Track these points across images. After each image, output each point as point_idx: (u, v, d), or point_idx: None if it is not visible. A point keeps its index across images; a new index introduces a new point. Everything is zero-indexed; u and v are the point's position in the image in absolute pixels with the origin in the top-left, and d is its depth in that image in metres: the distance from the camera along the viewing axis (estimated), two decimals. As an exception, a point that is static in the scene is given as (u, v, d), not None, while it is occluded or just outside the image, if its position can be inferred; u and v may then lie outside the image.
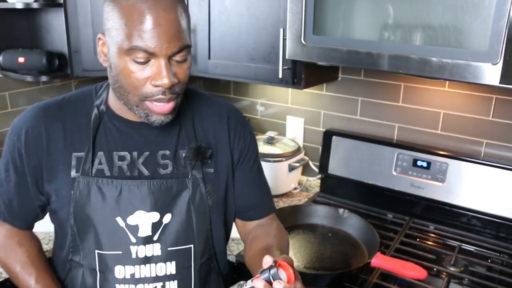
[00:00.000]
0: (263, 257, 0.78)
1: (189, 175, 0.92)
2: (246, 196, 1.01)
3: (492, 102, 1.45)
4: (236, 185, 1.00)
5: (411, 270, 1.22)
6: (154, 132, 0.92)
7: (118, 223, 0.88)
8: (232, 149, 0.98)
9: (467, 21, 1.03)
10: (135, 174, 0.89)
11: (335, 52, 1.25)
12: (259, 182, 1.05)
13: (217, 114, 0.99)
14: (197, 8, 1.62)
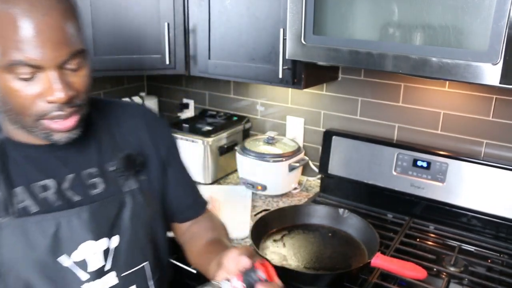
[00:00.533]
0: (213, 252, 0.81)
1: (124, 189, 0.84)
2: (181, 196, 0.97)
3: (492, 102, 1.45)
4: (170, 186, 0.94)
5: (411, 270, 1.22)
6: (71, 152, 0.81)
7: (62, 263, 0.76)
8: (158, 149, 0.92)
9: (467, 21, 1.03)
10: (66, 202, 0.78)
11: (335, 52, 1.25)
12: (189, 179, 1.01)
13: (133, 116, 0.92)
14: (197, 8, 1.62)
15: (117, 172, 0.84)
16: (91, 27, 1.63)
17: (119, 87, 2.25)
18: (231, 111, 2.09)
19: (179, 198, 0.97)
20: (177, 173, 0.97)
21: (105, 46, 1.67)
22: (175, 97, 2.29)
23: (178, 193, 0.96)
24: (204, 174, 1.83)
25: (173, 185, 0.95)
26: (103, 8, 1.62)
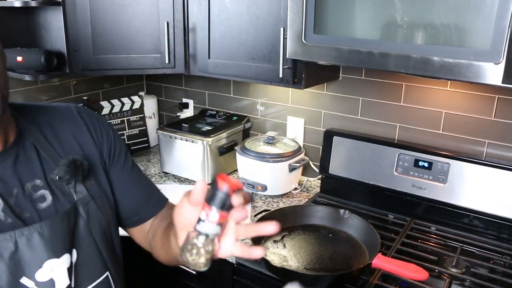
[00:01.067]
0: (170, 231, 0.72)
1: (74, 198, 0.79)
2: (134, 195, 0.91)
3: (495, 102, 1.44)
4: (118, 187, 0.88)
5: (412, 271, 1.21)
6: (8, 165, 0.75)
7: (26, 284, 0.71)
8: (100, 148, 0.87)
9: (469, 20, 1.02)
10: (17, 219, 0.73)
11: (336, 51, 1.24)
12: (141, 175, 0.95)
13: (68, 118, 0.86)
14: (197, 7, 1.61)
15: (63, 181, 0.78)
16: (90, 25, 1.62)
17: (118, 86, 2.24)
18: (231, 110, 2.08)
19: (129, 199, 0.90)
20: (124, 171, 0.90)
21: (104, 45, 1.66)
22: (174, 97, 2.28)
23: (128, 191, 0.90)
24: (204, 174, 1.82)
25: (123, 183, 0.89)
26: (102, 7, 1.62)
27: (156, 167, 2.03)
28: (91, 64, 1.66)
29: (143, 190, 0.94)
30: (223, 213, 0.60)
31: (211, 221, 0.60)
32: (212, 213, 0.60)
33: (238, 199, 0.60)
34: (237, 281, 1.35)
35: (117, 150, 0.90)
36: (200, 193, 0.60)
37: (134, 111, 2.20)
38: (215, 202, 0.59)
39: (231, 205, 0.60)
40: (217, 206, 0.60)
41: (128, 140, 2.18)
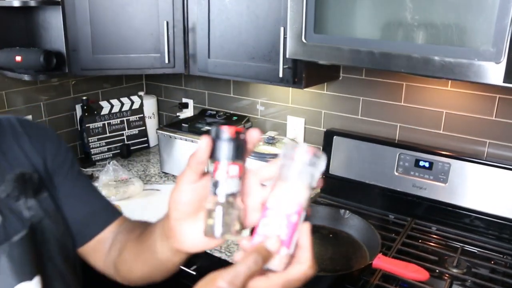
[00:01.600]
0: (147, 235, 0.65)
1: (26, 215, 0.71)
2: (81, 205, 0.83)
3: (496, 101, 1.43)
4: (63, 197, 0.81)
5: (413, 272, 1.21)
6: None
7: None
8: (44, 157, 0.80)
9: (470, 20, 1.02)
10: None
11: (336, 51, 1.24)
12: (89, 185, 0.87)
13: (8, 129, 0.79)
14: (197, 7, 1.60)
15: (12, 198, 0.71)
16: (90, 25, 1.61)
17: (118, 86, 2.23)
18: (231, 110, 2.07)
19: (76, 209, 0.82)
20: (68, 181, 0.82)
21: (104, 45, 1.65)
22: (174, 97, 2.28)
23: (73, 203, 0.82)
24: (203, 174, 1.81)
25: (66, 194, 0.81)
26: (101, 6, 1.61)
27: (155, 167, 2.02)
28: (91, 64, 1.66)
29: (92, 200, 0.85)
30: (238, 162, 0.52)
31: (232, 176, 0.52)
32: (224, 167, 0.51)
33: (250, 136, 0.53)
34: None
35: (60, 157, 0.82)
36: (206, 149, 0.52)
37: (133, 111, 2.19)
38: (223, 154, 0.51)
39: (242, 149, 0.52)
40: (228, 158, 0.51)
41: (128, 140, 2.18)
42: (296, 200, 0.52)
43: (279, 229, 0.51)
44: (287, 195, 0.52)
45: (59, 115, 2.01)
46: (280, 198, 0.52)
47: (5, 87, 1.78)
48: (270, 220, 0.52)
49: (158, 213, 0.81)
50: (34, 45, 1.78)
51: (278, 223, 0.51)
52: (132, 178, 1.78)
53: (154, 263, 0.69)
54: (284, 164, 0.53)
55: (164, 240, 0.63)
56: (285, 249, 0.51)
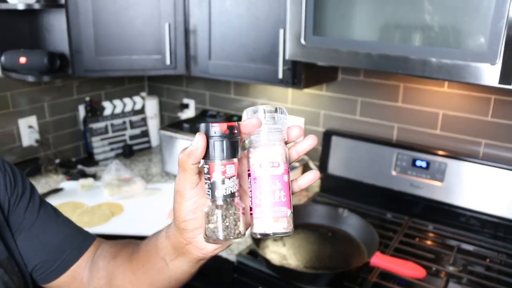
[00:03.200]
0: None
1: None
2: (50, 235, 0.74)
3: (491, 102, 1.45)
4: (26, 231, 0.72)
5: (410, 270, 1.23)
6: None
7: None
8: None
9: (466, 22, 1.04)
10: None
11: (335, 52, 1.26)
12: (55, 214, 0.77)
13: None
14: (198, 9, 1.62)
15: None
16: (93, 27, 1.64)
17: (120, 87, 2.25)
18: (231, 111, 2.09)
19: (45, 241, 0.73)
20: (31, 213, 0.73)
21: (107, 47, 1.68)
22: (175, 97, 2.30)
23: (39, 234, 0.72)
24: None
25: (33, 227, 0.72)
26: (104, 8, 1.63)
27: (157, 166, 2.04)
28: (94, 65, 1.68)
29: (62, 228, 0.75)
30: (232, 160, 0.49)
31: (229, 176, 0.48)
32: (220, 167, 0.48)
33: (243, 128, 0.49)
34: (237, 280, 1.37)
35: (18, 189, 0.72)
36: (202, 148, 0.47)
37: (135, 112, 2.22)
38: (218, 153, 0.47)
39: (237, 145, 0.49)
40: (228, 156, 0.48)
41: (130, 140, 2.20)
42: (281, 160, 0.51)
43: (278, 193, 0.51)
44: (269, 158, 0.51)
45: (63, 116, 2.04)
46: (263, 163, 0.51)
47: (10, 88, 1.81)
48: (265, 188, 0.51)
49: (160, 211, 0.78)
50: (38, 47, 1.81)
51: (275, 188, 0.51)
52: (135, 177, 1.80)
53: (165, 280, 0.63)
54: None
55: (180, 256, 0.58)
56: (288, 210, 0.51)
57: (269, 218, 0.51)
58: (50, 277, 0.74)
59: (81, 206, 1.66)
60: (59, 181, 1.88)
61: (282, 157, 0.52)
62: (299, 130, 0.54)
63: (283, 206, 0.51)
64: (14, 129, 1.85)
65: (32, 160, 1.92)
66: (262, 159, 0.51)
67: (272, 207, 0.50)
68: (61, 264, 0.74)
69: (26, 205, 0.73)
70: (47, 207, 0.77)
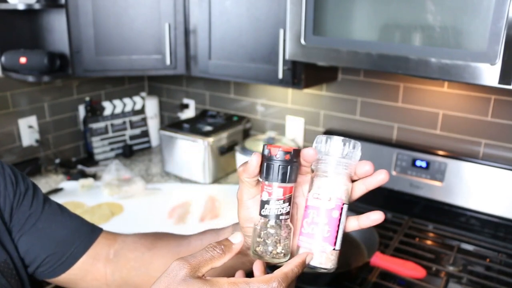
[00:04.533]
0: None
1: None
2: (59, 227, 0.74)
3: (491, 102, 1.45)
4: (33, 227, 0.73)
5: (410, 269, 1.23)
6: None
7: None
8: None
9: (466, 22, 1.04)
10: None
11: (335, 52, 1.26)
12: (61, 208, 0.78)
13: None
14: (198, 9, 1.62)
15: None
16: (93, 27, 1.64)
17: (120, 87, 2.26)
18: (231, 111, 2.09)
19: (52, 234, 0.74)
20: (36, 208, 0.74)
21: (107, 47, 1.68)
22: (175, 97, 2.30)
23: (48, 227, 0.74)
24: (204, 174, 1.84)
25: (39, 222, 0.73)
26: (104, 8, 1.63)
27: (157, 166, 2.05)
28: (94, 65, 1.68)
29: (68, 221, 0.77)
30: (286, 185, 0.51)
31: (275, 199, 0.50)
32: (273, 189, 0.50)
33: (304, 156, 0.51)
34: (237, 279, 1.37)
35: (20, 188, 0.73)
36: (255, 167, 0.51)
37: (135, 112, 2.22)
38: (273, 176, 0.50)
39: (293, 173, 0.51)
40: (277, 179, 0.50)
41: (130, 140, 2.20)
42: (335, 195, 0.51)
43: (321, 227, 0.51)
44: (325, 190, 0.51)
45: (63, 116, 2.04)
46: (319, 195, 0.51)
47: (10, 88, 1.81)
48: (312, 219, 0.51)
49: (160, 211, 0.78)
50: (38, 47, 1.81)
51: (320, 221, 0.51)
52: (135, 177, 1.80)
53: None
54: (319, 159, 0.52)
55: (241, 254, 0.60)
56: (329, 246, 0.51)
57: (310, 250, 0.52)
58: (60, 270, 0.74)
59: (81, 206, 1.66)
60: (59, 181, 1.88)
61: (339, 192, 0.52)
62: (370, 167, 0.53)
63: (324, 241, 0.51)
64: (14, 129, 1.86)
65: (32, 160, 1.92)
66: (318, 189, 0.52)
67: (313, 239, 0.52)
68: (70, 256, 0.74)
69: (31, 202, 0.73)
70: (51, 202, 0.78)
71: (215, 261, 0.49)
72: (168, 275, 0.48)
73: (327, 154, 0.51)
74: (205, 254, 0.49)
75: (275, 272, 0.48)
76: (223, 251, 0.50)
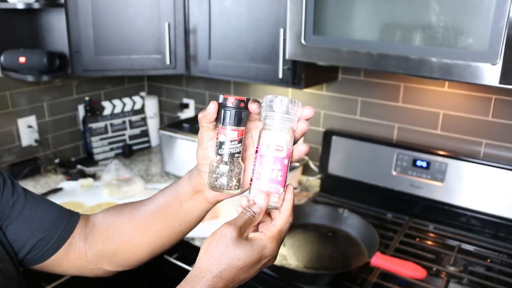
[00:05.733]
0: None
1: None
2: (42, 214, 0.77)
3: (491, 102, 1.45)
4: (16, 217, 0.74)
5: (410, 270, 1.23)
6: None
7: None
8: None
9: (467, 22, 1.04)
10: None
11: (335, 52, 1.25)
12: (39, 195, 0.81)
13: None
14: (198, 8, 1.62)
15: None
16: (92, 27, 1.63)
17: (120, 87, 2.25)
18: (231, 111, 2.09)
19: (36, 222, 0.76)
20: (17, 200, 0.76)
21: (106, 46, 1.67)
22: (175, 97, 2.30)
23: (30, 217, 0.76)
24: (204, 174, 1.83)
25: (22, 213, 0.75)
26: (103, 8, 1.63)
27: (157, 166, 2.04)
28: (93, 65, 1.68)
29: (51, 206, 0.80)
30: (239, 128, 0.60)
31: (230, 140, 0.60)
32: (228, 132, 0.60)
33: (250, 108, 0.60)
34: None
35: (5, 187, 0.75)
36: (213, 113, 0.60)
37: (135, 111, 2.21)
38: (228, 120, 0.59)
39: (245, 118, 0.60)
40: (231, 123, 0.59)
41: (130, 140, 2.20)
42: (286, 146, 0.60)
43: (276, 173, 0.60)
44: (276, 142, 0.60)
45: (62, 116, 2.03)
46: (270, 145, 0.60)
47: (9, 88, 1.81)
48: (267, 166, 0.60)
49: None
50: (38, 46, 1.80)
51: (275, 167, 0.60)
52: (134, 177, 1.80)
53: (177, 222, 0.73)
54: (266, 115, 0.60)
55: (196, 194, 0.69)
56: (281, 188, 0.61)
57: (264, 191, 0.60)
58: (47, 254, 0.77)
59: (80, 206, 1.66)
60: (59, 181, 1.88)
61: (287, 143, 0.60)
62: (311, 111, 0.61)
63: (278, 184, 0.60)
64: (13, 129, 1.85)
65: (31, 160, 1.91)
66: (270, 141, 0.60)
67: (268, 183, 0.60)
68: (58, 239, 0.78)
69: (11, 192, 0.76)
70: (29, 191, 0.80)
71: (253, 222, 0.59)
72: (220, 239, 0.57)
73: (273, 111, 0.59)
74: (245, 217, 0.59)
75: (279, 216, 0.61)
76: (255, 212, 0.59)
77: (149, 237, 0.75)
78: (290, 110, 0.59)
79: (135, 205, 0.78)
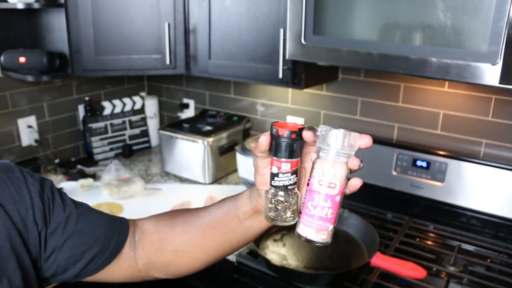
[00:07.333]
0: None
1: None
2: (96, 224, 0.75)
3: (492, 102, 1.45)
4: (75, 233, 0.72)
5: (410, 270, 1.23)
6: None
7: None
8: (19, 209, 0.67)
9: (467, 22, 1.04)
10: None
11: (335, 52, 1.25)
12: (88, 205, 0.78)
13: None
14: (198, 8, 1.62)
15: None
16: (92, 27, 1.63)
17: (120, 87, 2.25)
18: (231, 111, 2.09)
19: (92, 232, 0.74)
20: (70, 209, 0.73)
21: (106, 46, 1.67)
22: (175, 97, 2.30)
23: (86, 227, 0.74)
24: (204, 174, 1.83)
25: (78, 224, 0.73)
26: (104, 8, 1.63)
27: (157, 166, 2.04)
28: (93, 65, 1.68)
29: (102, 217, 0.78)
30: (292, 160, 0.58)
31: (283, 172, 0.58)
32: (282, 164, 0.58)
33: (304, 137, 0.57)
34: (237, 280, 1.36)
35: (47, 193, 0.71)
36: (266, 145, 0.59)
37: (135, 111, 2.21)
38: (280, 152, 0.58)
39: (298, 149, 0.58)
40: (284, 156, 0.58)
41: (130, 140, 2.20)
42: (339, 182, 0.57)
43: (326, 210, 0.58)
44: (329, 178, 0.57)
45: (62, 116, 2.03)
46: (323, 182, 0.57)
47: (9, 88, 1.81)
48: (318, 203, 0.58)
49: (160, 211, 0.80)
50: (38, 46, 1.80)
51: (326, 205, 0.58)
52: (134, 177, 1.80)
53: (234, 239, 0.72)
54: (321, 147, 0.57)
55: (255, 214, 0.68)
56: (331, 225, 0.59)
57: (313, 228, 0.59)
58: (103, 265, 0.76)
59: (80, 206, 1.66)
60: (59, 181, 1.88)
61: (341, 179, 0.58)
62: (368, 140, 0.58)
63: (327, 222, 0.59)
64: (13, 129, 1.85)
65: (31, 160, 1.91)
66: (323, 177, 0.58)
67: (318, 220, 0.58)
68: (113, 250, 0.76)
69: (62, 207, 0.73)
70: (77, 201, 0.77)
71: None
72: None
73: (329, 145, 0.56)
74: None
75: None
76: None
77: (204, 250, 0.74)
78: (346, 144, 0.56)
79: (189, 217, 0.76)
